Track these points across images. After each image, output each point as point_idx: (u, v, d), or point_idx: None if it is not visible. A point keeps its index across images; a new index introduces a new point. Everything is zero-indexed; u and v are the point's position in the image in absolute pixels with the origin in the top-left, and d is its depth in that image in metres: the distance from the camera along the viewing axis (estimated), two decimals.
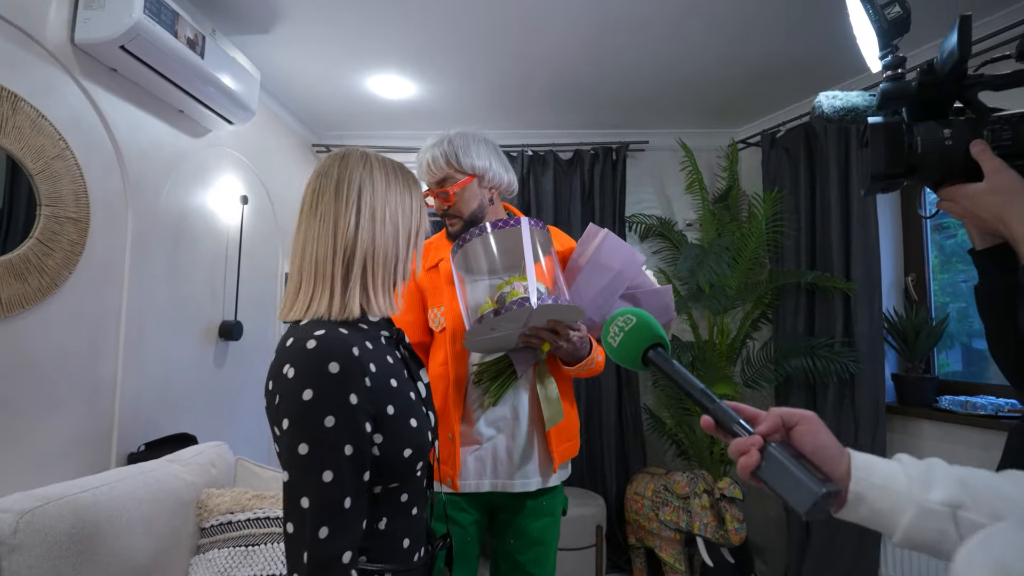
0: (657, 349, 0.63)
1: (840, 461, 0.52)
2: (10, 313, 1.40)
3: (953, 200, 0.64)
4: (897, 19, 0.65)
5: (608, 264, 1.24)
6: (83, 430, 1.63)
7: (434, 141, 1.31)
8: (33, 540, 1.16)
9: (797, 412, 0.55)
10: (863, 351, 2.37)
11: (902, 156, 0.62)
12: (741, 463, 0.53)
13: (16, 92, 1.41)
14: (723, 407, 0.56)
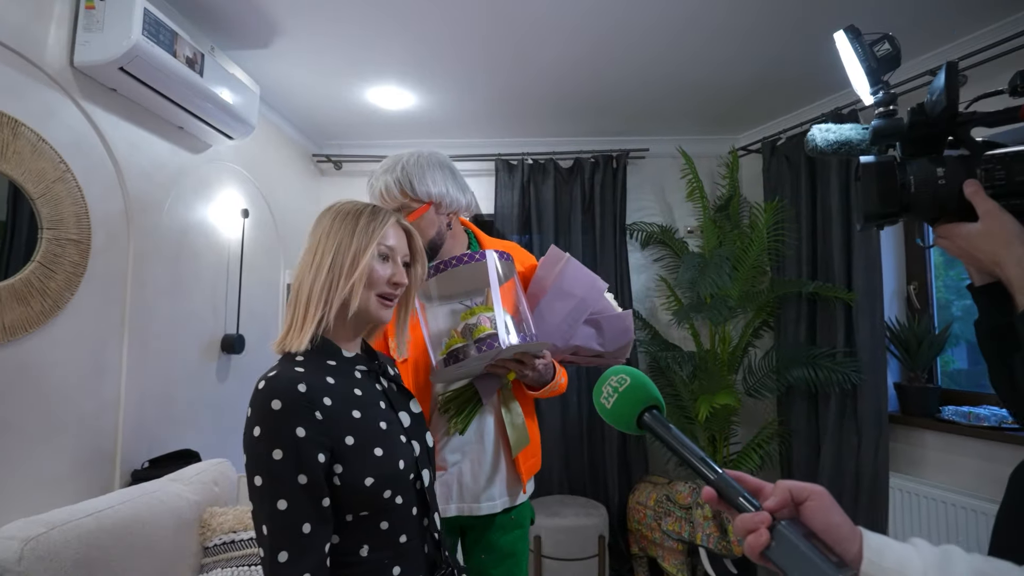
0: (653, 412, 0.60)
1: (852, 542, 0.48)
2: (13, 337, 1.41)
3: (948, 239, 0.63)
4: (887, 56, 0.65)
5: (572, 291, 1.25)
6: (87, 450, 1.64)
7: (387, 167, 1.26)
8: (38, 567, 1.17)
9: (807, 487, 0.51)
10: (865, 361, 2.36)
11: (895, 195, 0.62)
12: (749, 542, 0.49)
13: (16, 117, 1.42)
14: (726, 479, 0.53)
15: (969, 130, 0.62)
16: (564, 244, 3.12)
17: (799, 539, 0.48)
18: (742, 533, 0.50)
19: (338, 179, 3.38)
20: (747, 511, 0.51)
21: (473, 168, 3.28)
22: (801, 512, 0.50)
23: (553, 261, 1.32)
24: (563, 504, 2.75)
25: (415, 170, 1.24)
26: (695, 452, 0.54)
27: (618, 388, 0.61)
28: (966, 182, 0.60)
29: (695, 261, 2.66)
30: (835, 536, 0.49)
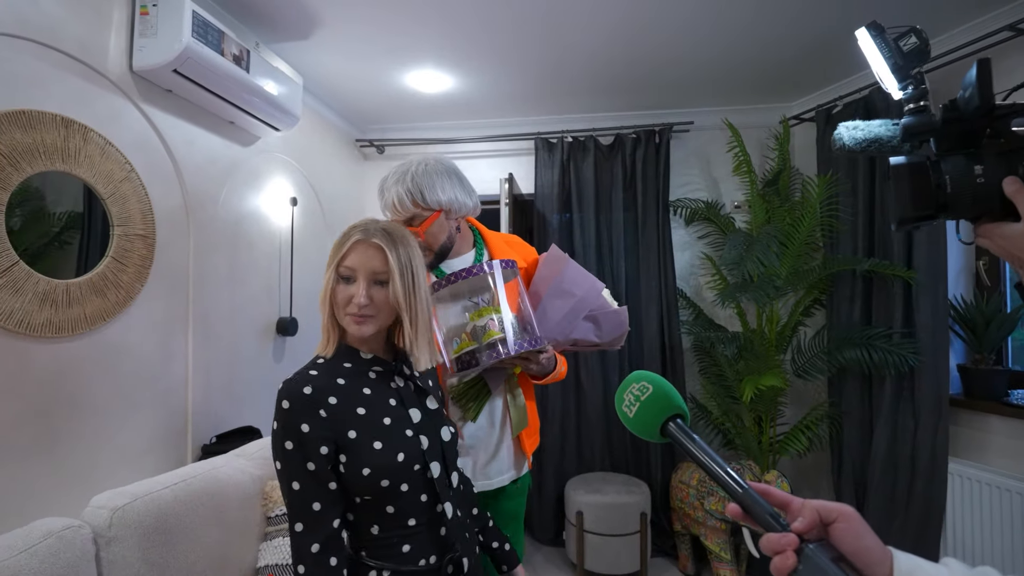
0: (677, 421, 0.58)
1: (883, 564, 0.47)
2: (93, 326, 1.55)
3: (990, 239, 0.59)
4: (914, 50, 0.62)
5: (571, 291, 1.34)
6: (162, 427, 1.80)
7: (396, 178, 1.30)
8: (125, 533, 1.31)
9: (836, 507, 0.50)
10: (925, 342, 2.24)
11: (930, 197, 0.58)
12: (776, 564, 0.48)
13: (86, 124, 1.53)
14: (753, 495, 0.51)
15: (1009, 122, 0.56)
16: (605, 222, 3.09)
17: (828, 563, 0.47)
18: (769, 552, 0.49)
19: (381, 162, 3.45)
20: (774, 530, 0.49)
21: (512, 147, 3.26)
22: (830, 533, 0.49)
23: (554, 259, 1.40)
24: (605, 481, 2.79)
25: (424, 180, 1.27)
26: (721, 466, 0.53)
27: (640, 397, 0.60)
28: (1006, 180, 0.55)
29: (740, 239, 2.57)
30: (865, 559, 0.48)
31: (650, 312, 2.96)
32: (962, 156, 0.58)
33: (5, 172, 1.32)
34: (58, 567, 1.13)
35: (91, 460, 1.55)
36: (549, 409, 3.02)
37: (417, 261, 0.96)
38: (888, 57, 0.64)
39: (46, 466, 1.42)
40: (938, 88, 2.26)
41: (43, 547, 1.13)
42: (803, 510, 0.50)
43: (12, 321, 1.33)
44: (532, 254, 1.49)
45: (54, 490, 1.44)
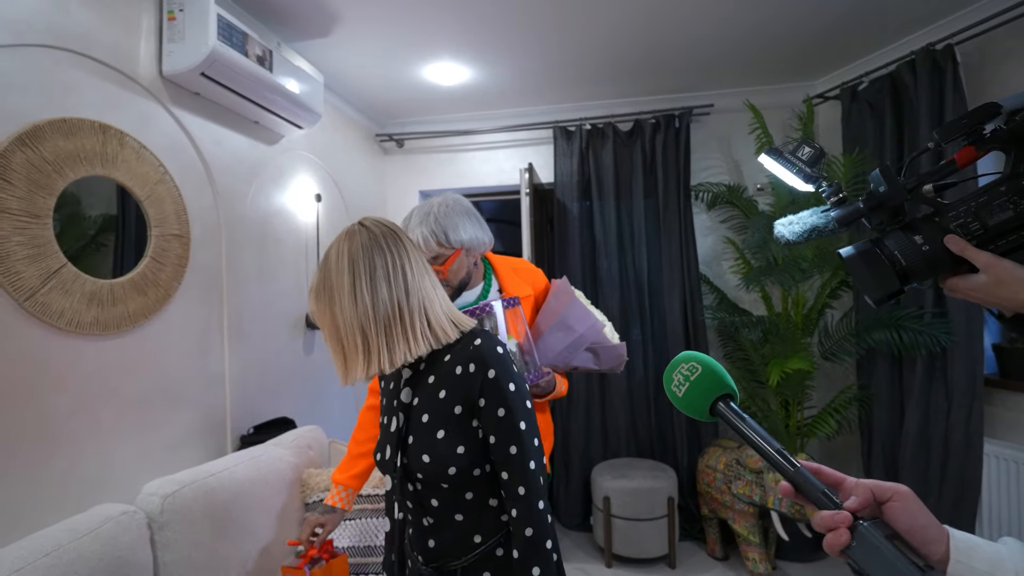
0: (727, 401, 0.58)
1: (939, 543, 0.47)
2: (136, 324, 1.62)
3: (959, 292, 0.63)
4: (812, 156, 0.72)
5: (574, 327, 1.47)
6: (203, 419, 1.88)
7: (419, 219, 1.36)
8: (176, 518, 1.38)
9: (890, 486, 0.50)
10: (958, 321, 2.19)
11: (890, 275, 0.63)
12: (828, 540, 0.48)
13: (121, 129, 1.58)
14: (805, 473, 0.52)
15: (920, 191, 0.63)
16: (626, 209, 3.08)
17: (882, 541, 0.47)
18: (822, 529, 0.49)
19: (401, 157, 3.48)
20: (827, 508, 0.50)
21: (531, 137, 3.27)
22: (884, 512, 0.49)
23: (562, 292, 1.54)
24: (631, 467, 2.81)
25: (447, 221, 1.35)
26: (773, 445, 0.53)
27: (689, 376, 0.61)
28: (947, 240, 0.61)
29: (764, 221, 2.54)
30: (921, 538, 0.47)
31: (673, 298, 2.95)
32: (899, 231, 0.64)
33: (51, 178, 1.38)
34: (117, 549, 1.20)
35: (139, 450, 1.63)
36: (573, 396, 3.05)
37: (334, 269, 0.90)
38: (796, 170, 0.74)
39: (99, 456, 1.50)
40: (970, 60, 2.20)
41: (103, 531, 1.20)
42: (856, 488, 0.50)
43: (63, 320, 1.40)
44: (541, 279, 1.58)
45: (107, 478, 1.52)
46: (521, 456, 0.88)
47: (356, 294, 0.88)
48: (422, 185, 3.45)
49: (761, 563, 2.43)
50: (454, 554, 0.92)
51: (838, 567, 2.52)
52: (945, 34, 2.21)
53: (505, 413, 0.88)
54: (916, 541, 0.47)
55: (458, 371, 0.90)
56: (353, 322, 0.87)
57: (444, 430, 0.89)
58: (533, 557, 0.86)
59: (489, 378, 0.88)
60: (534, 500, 0.87)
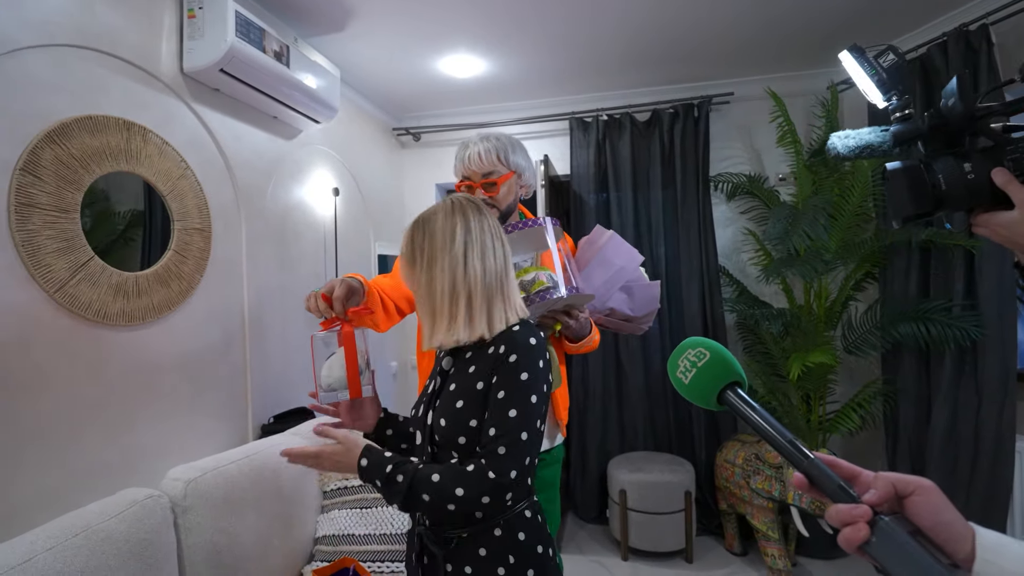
0: (735, 389, 0.57)
1: (965, 540, 0.45)
2: (160, 315, 1.67)
3: (988, 228, 0.63)
4: (893, 65, 0.70)
5: (613, 260, 1.48)
6: (225, 408, 1.93)
7: (480, 136, 1.44)
8: (198, 503, 1.42)
9: (913, 480, 0.47)
10: (989, 314, 2.12)
11: (927, 196, 0.63)
12: (846, 535, 0.46)
13: (144, 125, 1.63)
14: (819, 465, 0.49)
15: (989, 122, 0.62)
16: (643, 200, 3.04)
17: (905, 537, 0.44)
18: (838, 523, 0.47)
19: (417, 150, 3.50)
20: (844, 501, 0.47)
21: (547, 129, 3.25)
22: (906, 507, 0.47)
23: (596, 237, 1.53)
24: (648, 460, 2.79)
25: (508, 142, 1.43)
26: (785, 435, 0.51)
27: (696, 363, 0.59)
28: (994, 171, 0.60)
29: (785, 212, 2.48)
30: (945, 535, 0.45)
31: (691, 290, 2.91)
32: (950, 156, 0.63)
33: (78, 174, 1.43)
34: (143, 531, 1.25)
35: (165, 437, 1.68)
36: (591, 388, 3.04)
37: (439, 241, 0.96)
38: (873, 74, 0.72)
39: (126, 442, 1.56)
40: (1006, 41, 2.11)
41: (129, 513, 1.25)
42: (876, 481, 0.48)
43: (91, 311, 1.45)
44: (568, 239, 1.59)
45: (134, 463, 1.57)
46: (495, 439, 0.89)
47: (468, 262, 0.94)
48: (439, 178, 3.47)
49: (780, 559, 2.40)
50: (454, 523, 0.94)
51: (860, 564, 2.47)
52: (980, 14, 2.12)
53: (504, 396, 0.90)
54: (940, 538, 0.45)
55: (490, 351, 0.94)
56: (457, 288, 0.93)
57: (463, 401, 0.93)
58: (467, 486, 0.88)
59: (509, 361, 0.91)
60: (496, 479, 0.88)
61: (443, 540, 0.95)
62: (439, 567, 0.96)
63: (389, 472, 0.89)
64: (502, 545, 0.93)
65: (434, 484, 0.87)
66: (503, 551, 0.93)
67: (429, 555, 0.98)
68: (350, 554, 1.69)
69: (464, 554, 0.93)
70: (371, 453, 0.90)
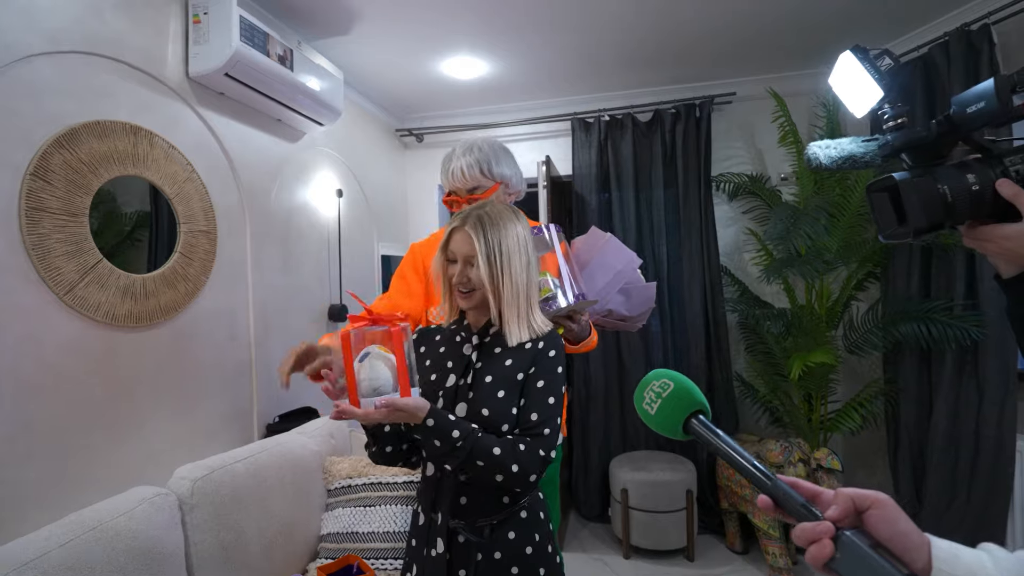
0: (699, 417, 0.58)
1: (920, 550, 0.47)
2: (167, 316, 1.70)
3: (990, 240, 0.62)
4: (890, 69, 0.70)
5: (612, 264, 1.51)
6: (231, 407, 1.96)
7: (463, 150, 1.42)
8: (205, 500, 1.45)
9: (870, 494, 0.49)
10: (990, 314, 2.12)
11: (940, 206, 0.61)
12: (812, 552, 0.47)
13: (151, 130, 1.65)
14: (783, 487, 0.51)
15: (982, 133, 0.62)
16: (645, 200, 3.05)
17: (866, 550, 0.46)
18: (804, 543, 0.48)
19: (421, 151, 3.52)
20: (808, 520, 0.49)
21: (549, 129, 3.26)
22: (864, 521, 0.49)
23: (594, 239, 1.56)
24: (650, 459, 2.81)
25: (490, 152, 1.42)
26: (748, 460, 0.53)
27: (661, 393, 0.60)
28: (1000, 182, 0.59)
29: (786, 212, 2.49)
30: (902, 545, 0.47)
31: (693, 290, 2.92)
32: (952, 168, 0.62)
33: (87, 178, 1.46)
34: (152, 528, 1.28)
35: (172, 437, 1.71)
36: (592, 387, 3.06)
37: (510, 242, 1.03)
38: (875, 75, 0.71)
39: (135, 441, 1.59)
40: (1008, 40, 2.11)
41: (139, 511, 1.28)
42: (836, 498, 0.50)
43: (100, 313, 1.48)
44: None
45: (143, 462, 1.60)
46: (540, 423, 0.98)
47: (529, 268, 1.06)
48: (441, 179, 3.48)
49: (781, 557, 2.41)
50: (483, 512, 0.99)
51: None
52: (981, 14, 2.12)
53: (543, 384, 1.00)
54: (898, 549, 0.47)
55: (528, 346, 1.03)
56: (523, 289, 1.04)
57: (504, 391, 1.00)
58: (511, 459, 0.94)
59: (549, 355, 1.02)
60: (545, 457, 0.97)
61: (476, 531, 0.99)
62: (468, 558, 0.99)
63: (456, 436, 0.92)
64: (528, 526, 1.02)
65: (494, 456, 0.93)
66: (530, 532, 1.02)
67: (456, 548, 0.99)
68: (354, 551, 1.71)
69: (496, 540, 0.99)
70: (436, 415, 0.93)
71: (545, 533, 1.05)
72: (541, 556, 1.03)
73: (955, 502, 2.22)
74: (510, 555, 0.99)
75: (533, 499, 1.05)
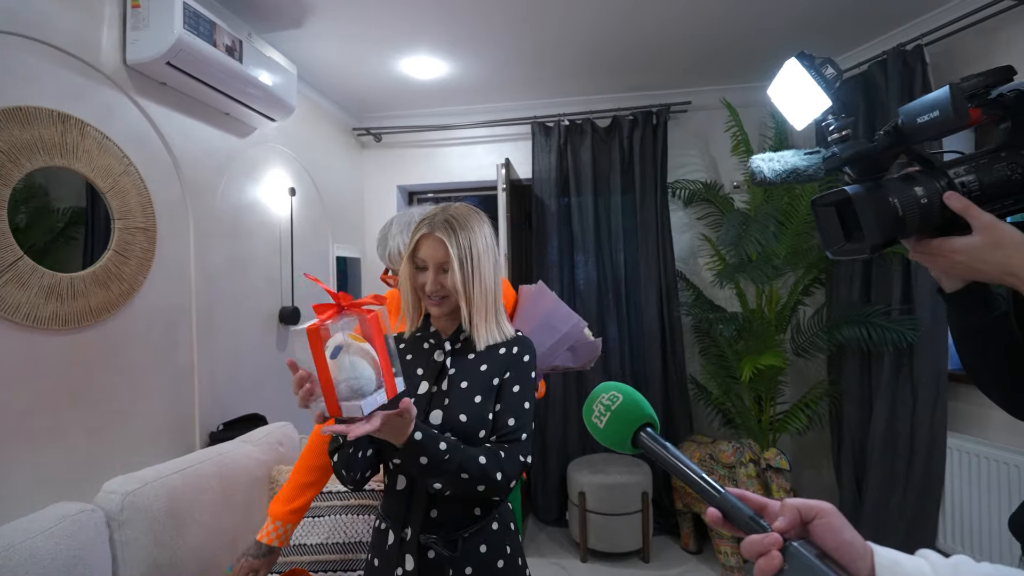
0: (647, 431, 0.57)
1: (864, 559, 0.48)
2: (99, 319, 1.59)
3: (940, 255, 0.61)
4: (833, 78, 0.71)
5: (558, 327, 1.58)
6: (170, 415, 1.85)
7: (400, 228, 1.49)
8: (136, 516, 1.35)
9: (815, 505, 0.50)
10: (923, 318, 2.24)
11: (894, 220, 0.60)
12: (760, 566, 0.47)
13: (82, 119, 1.54)
14: (731, 499, 0.51)
15: (920, 144, 0.61)
16: (604, 205, 3.09)
17: (813, 560, 0.46)
18: (752, 555, 0.49)
19: (379, 151, 3.45)
20: (755, 532, 0.49)
21: (509, 132, 3.26)
22: (810, 531, 0.49)
23: (540, 294, 1.62)
24: (607, 462, 2.83)
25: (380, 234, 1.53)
26: (696, 472, 0.53)
27: (610, 407, 0.59)
28: (947, 195, 0.59)
29: (738, 218, 2.56)
30: (847, 555, 0.48)
31: (649, 294, 2.97)
32: (899, 181, 0.61)
33: (5, 168, 1.34)
34: (73, 548, 1.17)
35: (101, 448, 1.59)
36: (551, 393, 3.06)
37: (480, 245, 1.01)
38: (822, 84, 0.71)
39: (58, 453, 1.47)
40: (940, 61, 2.24)
41: (58, 530, 1.17)
42: (783, 509, 0.50)
43: (19, 315, 1.37)
44: (509, 291, 1.62)
45: (67, 476, 1.48)
46: (516, 428, 0.98)
47: (496, 271, 1.04)
48: (400, 180, 3.43)
49: (733, 556, 2.47)
50: (456, 525, 0.96)
51: None
52: (916, 35, 2.25)
53: (519, 390, 1.01)
54: (844, 559, 0.48)
55: (502, 351, 1.03)
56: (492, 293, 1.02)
57: (481, 396, 0.99)
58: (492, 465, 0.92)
59: (523, 360, 1.03)
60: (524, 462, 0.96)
61: (451, 543, 0.95)
62: (441, 574, 0.94)
63: (443, 450, 0.88)
64: (499, 537, 1.00)
65: (480, 466, 0.90)
66: (501, 544, 1.00)
67: (426, 565, 0.95)
68: (302, 565, 1.64)
69: (468, 554, 0.96)
70: (421, 427, 0.87)
71: (516, 545, 1.03)
72: (513, 569, 1.00)
73: (893, 498, 2.33)
74: (482, 570, 0.96)
75: (503, 510, 1.03)
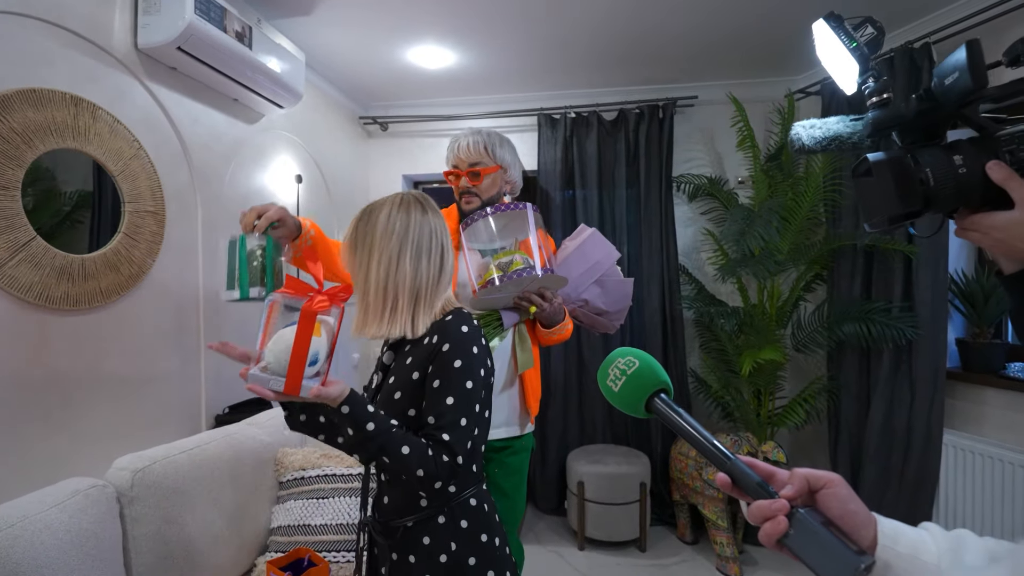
0: (661, 396, 0.57)
1: (868, 527, 0.50)
2: (108, 300, 1.61)
3: (980, 231, 0.56)
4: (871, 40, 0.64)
5: (590, 254, 1.57)
6: (177, 397, 1.88)
7: (471, 131, 1.56)
8: (146, 493, 1.39)
9: (823, 475, 0.51)
10: (923, 316, 2.26)
11: (916, 192, 0.54)
12: (766, 529, 0.49)
13: (94, 102, 1.56)
14: (740, 466, 0.52)
15: (977, 109, 0.54)
16: (608, 198, 3.09)
17: (818, 526, 0.48)
18: (758, 520, 0.50)
19: (385, 140, 3.46)
20: (763, 498, 0.50)
21: (515, 124, 3.26)
22: (818, 500, 0.51)
23: (578, 232, 1.62)
24: (606, 453, 2.86)
25: (496, 138, 1.57)
26: (708, 439, 0.53)
27: (626, 371, 0.59)
28: (990, 165, 0.52)
29: (741, 213, 2.57)
30: (852, 523, 0.49)
31: (652, 287, 2.99)
32: (937, 148, 0.55)
33: (19, 150, 1.36)
34: (86, 522, 1.21)
35: (111, 427, 1.62)
36: (552, 382, 3.08)
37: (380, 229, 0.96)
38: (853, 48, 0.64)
39: (69, 431, 1.50)
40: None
41: (71, 503, 1.20)
42: (792, 478, 0.52)
43: (32, 294, 1.39)
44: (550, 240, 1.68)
45: (77, 453, 1.52)
46: (436, 427, 0.91)
47: (400, 260, 0.95)
48: (406, 169, 3.44)
49: (728, 546, 2.50)
50: (401, 512, 0.96)
51: None
52: (923, 33, 2.25)
53: (439, 385, 0.92)
54: (848, 527, 0.49)
55: (425, 341, 0.96)
56: (388, 284, 0.94)
57: (401, 392, 0.96)
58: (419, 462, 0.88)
59: (442, 351, 0.93)
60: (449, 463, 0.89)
61: (389, 530, 0.96)
62: (385, 556, 0.97)
63: (370, 429, 0.86)
64: (445, 533, 0.95)
65: (401, 455, 0.87)
66: (445, 539, 0.94)
67: (376, 545, 0.99)
68: (305, 544, 1.67)
69: (408, 543, 0.95)
70: (355, 403, 0.86)
71: (468, 544, 0.94)
72: (458, 567, 0.93)
73: (888, 493, 2.36)
74: (423, 562, 0.94)
75: (459, 507, 0.96)
